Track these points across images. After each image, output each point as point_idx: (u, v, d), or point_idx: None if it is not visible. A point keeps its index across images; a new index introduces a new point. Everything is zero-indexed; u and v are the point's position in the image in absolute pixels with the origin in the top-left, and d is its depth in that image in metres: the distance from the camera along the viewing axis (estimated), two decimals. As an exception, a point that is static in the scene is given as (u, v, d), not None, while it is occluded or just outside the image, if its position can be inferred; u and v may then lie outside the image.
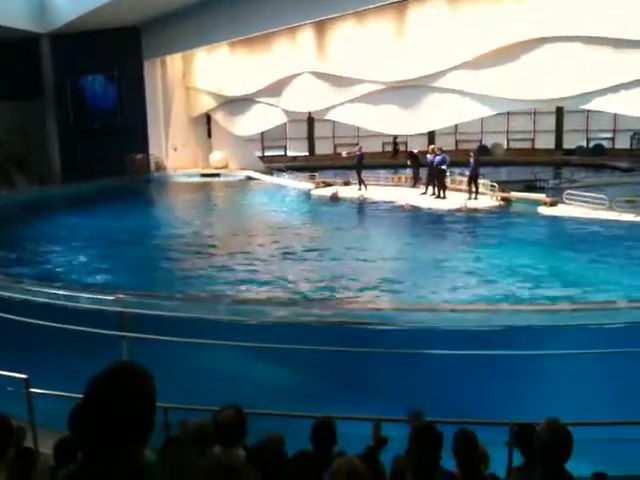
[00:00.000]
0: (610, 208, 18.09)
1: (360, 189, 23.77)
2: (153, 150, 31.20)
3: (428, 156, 22.13)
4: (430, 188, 22.04)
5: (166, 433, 5.01)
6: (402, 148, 34.43)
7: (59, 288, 9.96)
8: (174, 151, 32.11)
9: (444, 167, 21.39)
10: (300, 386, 8.05)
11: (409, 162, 24.25)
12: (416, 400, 7.04)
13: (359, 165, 24.16)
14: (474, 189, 21.05)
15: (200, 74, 31.78)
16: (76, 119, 30.50)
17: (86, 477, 1.71)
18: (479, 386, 7.51)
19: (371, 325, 8.48)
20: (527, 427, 4.32)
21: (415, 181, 23.75)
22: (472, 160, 21.05)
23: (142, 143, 30.66)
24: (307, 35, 26.54)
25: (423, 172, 23.01)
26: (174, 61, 32.01)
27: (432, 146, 23.38)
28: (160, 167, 31.56)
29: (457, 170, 23.57)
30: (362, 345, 7.50)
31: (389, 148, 35.71)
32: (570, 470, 3.38)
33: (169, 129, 31.99)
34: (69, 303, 8.42)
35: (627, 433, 4.84)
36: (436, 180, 21.82)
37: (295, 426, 4.92)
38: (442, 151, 22.13)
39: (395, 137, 34.38)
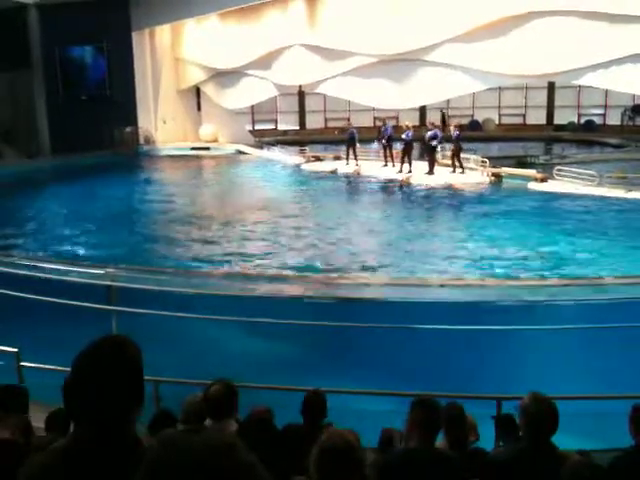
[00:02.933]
0: (600, 184, 18.14)
1: (348, 164, 23.71)
2: (142, 123, 30.87)
3: (403, 135, 21.86)
4: (406, 165, 21.75)
5: (157, 406, 5.04)
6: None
7: (48, 262, 9.94)
8: (163, 124, 31.82)
9: (434, 143, 21.29)
10: (290, 360, 8.10)
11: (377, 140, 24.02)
12: (406, 373, 7.11)
13: (351, 140, 23.96)
14: (457, 163, 21.09)
15: (189, 45, 31.36)
16: (65, 91, 30.06)
17: (79, 449, 1.73)
18: (468, 360, 7.58)
19: (362, 300, 8.52)
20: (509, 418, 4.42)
21: (385, 159, 23.44)
22: (456, 133, 21.07)
23: (131, 116, 30.31)
24: (298, 7, 26.21)
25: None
26: (163, 32, 31.54)
27: (407, 122, 23.18)
28: (149, 140, 31.26)
29: (448, 145, 23.56)
30: (353, 320, 7.54)
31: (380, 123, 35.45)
32: (555, 443, 3.44)
33: (158, 102, 31.64)
34: (59, 277, 8.40)
35: (613, 407, 4.91)
36: (427, 155, 21.76)
37: (285, 399, 4.97)
38: (434, 126, 22.03)
39: (443, 111, 34.22)
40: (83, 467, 1.70)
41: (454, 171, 21.07)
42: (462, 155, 21.45)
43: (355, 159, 23.69)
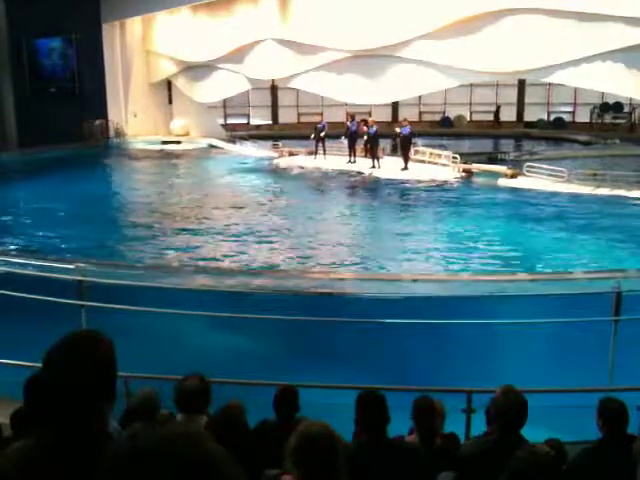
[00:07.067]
0: (569, 181, 18.40)
1: (315, 158, 23.98)
2: (112, 116, 30.53)
3: (365, 129, 22.27)
4: (375, 160, 22.07)
5: (127, 402, 4.98)
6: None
7: (16, 256, 9.78)
8: (134, 117, 31.48)
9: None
10: (261, 355, 8.08)
11: (312, 136, 24.37)
12: (377, 367, 7.14)
13: (319, 135, 24.14)
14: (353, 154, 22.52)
15: (160, 38, 31.03)
16: (33, 83, 29.56)
17: (47, 447, 1.68)
18: (438, 354, 7.64)
19: (333, 294, 8.52)
20: None
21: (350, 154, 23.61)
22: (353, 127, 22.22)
23: (101, 108, 29.95)
24: (270, 0, 26.09)
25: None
26: (134, 24, 31.19)
27: (371, 118, 23.50)
28: (120, 133, 30.93)
29: (420, 141, 23.76)
30: (324, 314, 7.54)
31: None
32: (525, 436, 3.47)
33: (128, 95, 31.29)
34: (27, 271, 8.26)
35: (581, 400, 4.98)
36: (401, 151, 21.95)
37: (257, 394, 4.95)
38: (408, 122, 22.23)
39: (498, 106, 34.52)
40: (52, 465, 1.65)
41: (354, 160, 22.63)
42: (432, 151, 21.81)
43: (317, 153, 24.11)
